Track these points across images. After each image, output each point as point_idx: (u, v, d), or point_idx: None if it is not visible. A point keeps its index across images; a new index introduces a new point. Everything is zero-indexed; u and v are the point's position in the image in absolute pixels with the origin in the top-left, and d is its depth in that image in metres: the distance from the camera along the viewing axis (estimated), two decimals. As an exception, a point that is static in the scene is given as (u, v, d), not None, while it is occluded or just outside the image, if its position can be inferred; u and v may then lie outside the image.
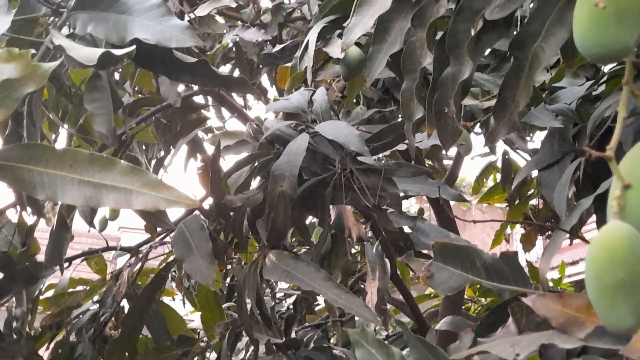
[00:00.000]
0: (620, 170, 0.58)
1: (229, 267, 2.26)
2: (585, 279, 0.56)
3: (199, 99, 2.53)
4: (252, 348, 1.63)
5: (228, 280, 2.42)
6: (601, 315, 0.55)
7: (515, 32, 0.75)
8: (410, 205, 6.17)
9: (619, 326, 0.54)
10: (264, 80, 3.09)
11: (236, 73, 2.95)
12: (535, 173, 1.69)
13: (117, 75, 2.44)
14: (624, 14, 0.54)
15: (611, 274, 0.53)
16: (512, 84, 0.75)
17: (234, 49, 2.72)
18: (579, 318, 0.83)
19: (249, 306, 1.47)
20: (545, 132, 1.62)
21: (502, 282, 0.96)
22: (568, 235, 2.14)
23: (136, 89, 2.33)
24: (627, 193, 0.57)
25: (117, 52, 0.96)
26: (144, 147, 2.48)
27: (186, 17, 1.84)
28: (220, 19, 2.68)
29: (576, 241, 1.81)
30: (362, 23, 0.88)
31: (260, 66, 2.92)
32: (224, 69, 3.03)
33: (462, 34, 0.79)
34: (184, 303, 2.54)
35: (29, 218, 1.63)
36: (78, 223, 1.99)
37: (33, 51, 0.86)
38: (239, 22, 2.74)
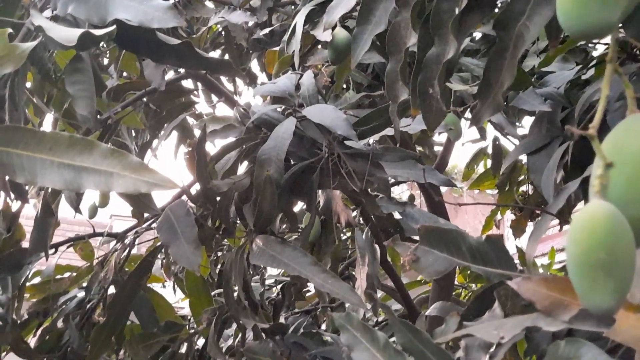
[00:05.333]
0: (603, 149, 0.57)
1: (219, 254, 2.25)
2: (567, 259, 0.55)
3: (187, 84, 2.52)
4: (240, 334, 1.63)
5: (219, 267, 2.41)
6: (582, 296, 0.55)
7: (499, 11, 0.74)
8: (402, 192, 6.20)
9: (599, 307, 0.54)
10: (254, 65, 3.08)
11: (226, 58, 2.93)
12: (526, 159, 1.69)
13: (105, 61, 2.41)
14: (606, -9, 0.53)
15: (591, 254, 0.52)
16: (496, 64, 0.74)
17: (223, 34, 2.70)
18: (564, 301, 0.82)
19: (235, 292, 1.46)
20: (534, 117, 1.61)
21: (487, 265, 0.95)
22: (558, 221, 2.15)
23: (124, 74, 2.30)
24: (609, 172, 0.56)
25: (97, 32, 0.95)
26: (133, 134, 2.45)
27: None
28: (209, 4, 2.66)
29: (566, 227, 1.81)
30: (343, 2, 0.87)
31: (250, 51, 2.90)
32: (214, 55, 3.01)
33: (446, 13, 0.78)
34: (174, 290, 2.53)
35: (14, 204, 1.61)
36: (68, 211, 1.97)
37: (10, 30, 0.84)
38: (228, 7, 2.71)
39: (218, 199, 1.46)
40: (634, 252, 0.53)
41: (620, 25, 0.67)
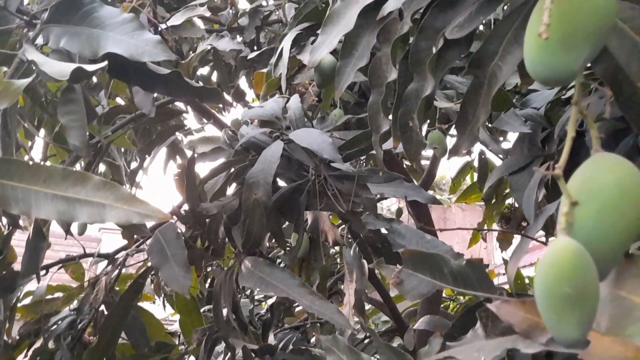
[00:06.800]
0: (570, 187, 0.61)
1: (209, 269, 2.27)
2: (535, 293, 0.59)
3: (178, 103, 2.54)
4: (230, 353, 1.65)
5: (208, 282, 2.42)
6: (550, 328, 0.58)
7: (474, 51, 0.78)
8: (391, 204, 6.23)
9: (567, 338, 0.57)
10: (242, 82, 3.11)
11: (214, 76, 2.96)
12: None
13: (94, 79, 2.44)
14: (569, 41, 0.57)
15: (558, 288, 0.55)
16: (472, 100, 0.78)
17: (212, 52, 2.73)
18: (541, 324, 0.86)
19: (225, 312, 1.49)
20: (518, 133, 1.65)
21: (468, 288, 0.98)
22: (544, 233, 2.18)
23: (112, 92, 2.32)
24: (575, 210, 0.59)
25: (89, 67, 0.97)
26: (122, 150, 2.48)
27: (161, 26, 1.84)
28: (198, 21, 2.69)
29: (552, 239, 1.85)
30: (327, 42, 0.91)
31: (239, 69, 2.94)
32: (202, 71, 3.04)
33: (424, 51, 0.82)
34: (164, 306, 2.55)
35: (5, 227, 1.63)
36: (57, 225, 1.98)
37: (5, 69, 0.87)
38: (217, 25, 2.75)
39: (207, 220, 1.49)
40: (598, 286, 0.57)
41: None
